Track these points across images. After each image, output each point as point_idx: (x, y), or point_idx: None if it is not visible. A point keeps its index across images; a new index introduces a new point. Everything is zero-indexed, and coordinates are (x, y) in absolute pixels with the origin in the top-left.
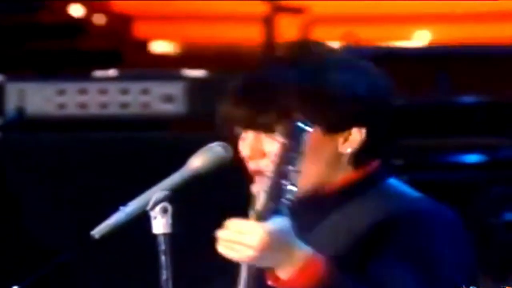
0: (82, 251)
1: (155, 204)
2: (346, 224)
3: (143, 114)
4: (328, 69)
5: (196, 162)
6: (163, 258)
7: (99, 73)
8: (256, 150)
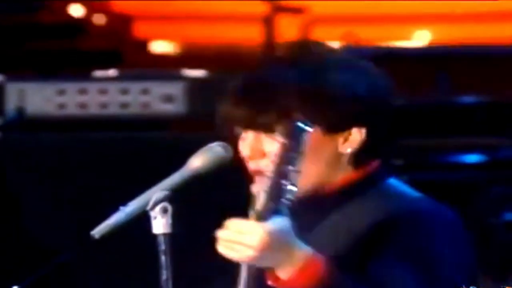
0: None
1: (155, 204)
2: (346, 224)
3: (143, 114)
4: (328, 69)
5: (196, 162)
6: (163, 258)
7: (99, 73)
8: (256, 150)
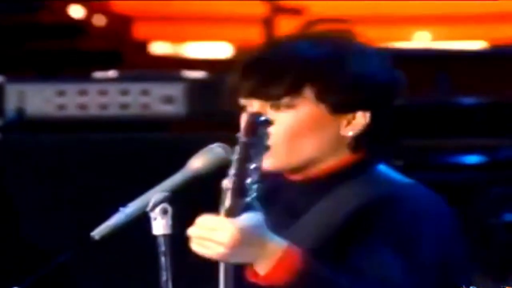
0: (82, 251)
1: (155, 205)
2: (334, 208)
3: (143, 115)
4: (344, 50)
5: (196, 163)
6: (163, 259)
7: (99, 74)
8: None
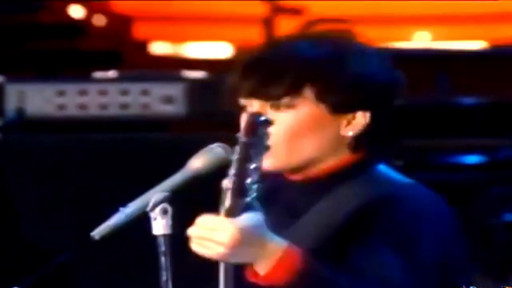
0: (82, 251)
1: (155, 205)
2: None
3: (143, 115)
4: (344, 50)
5: (196, 163)
6: (163, 259)
7: (99, 74)
8: None
